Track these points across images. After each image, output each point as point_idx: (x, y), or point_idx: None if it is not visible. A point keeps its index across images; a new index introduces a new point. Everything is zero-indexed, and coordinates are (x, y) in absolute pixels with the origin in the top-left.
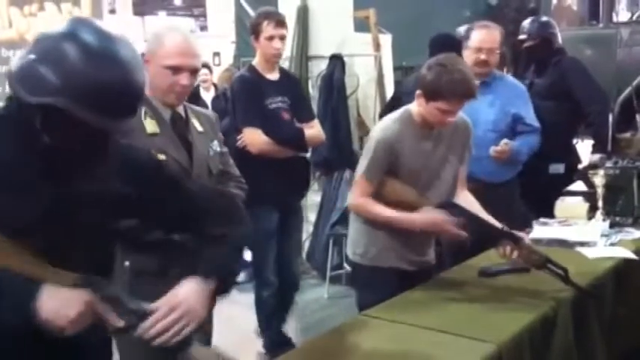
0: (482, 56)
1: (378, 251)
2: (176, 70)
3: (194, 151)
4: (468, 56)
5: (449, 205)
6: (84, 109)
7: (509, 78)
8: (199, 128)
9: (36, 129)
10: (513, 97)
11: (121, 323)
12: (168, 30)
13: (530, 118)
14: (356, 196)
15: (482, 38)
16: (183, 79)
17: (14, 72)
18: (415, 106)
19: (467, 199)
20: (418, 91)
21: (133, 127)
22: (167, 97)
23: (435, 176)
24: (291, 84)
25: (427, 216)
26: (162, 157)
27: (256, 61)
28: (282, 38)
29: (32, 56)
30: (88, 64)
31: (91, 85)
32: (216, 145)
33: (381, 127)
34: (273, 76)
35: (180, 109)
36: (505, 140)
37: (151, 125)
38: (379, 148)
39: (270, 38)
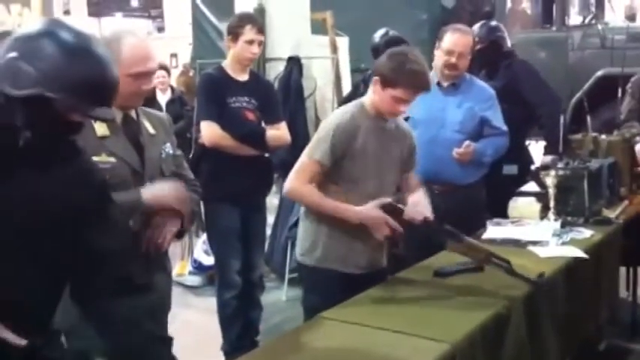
0: (453, 59)
1: (323, 253)
2: (139, 76)
3: (145, 153)
4: (439, 57)
5: (389, 207)
6: (68, 95)
7: (478, 81)
8: (151, 130)
9: (14, 127)
10: (481, 100)
11: (23, 342)
12: (121, 35)
13: (498, 121)
14: (300, 181)
15: (454, 41)
16: (147, 83)
17: None
18: (368, 98)
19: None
20: (375, 78)
21: (112, 116)
22: (130, 102)
23: (385, 172)
24: (261, 86)
25: (368, 210)
26: (112, 159)
27: (226, 62)
28: (260, 44)
29: (13, 54)
30: (68, 58)
31: (72, 75)
32: (168, 148)
33: (339, 114)
34: (242, 77)
35: (132, 111)
36: (467, 142)
37: (101, 128)
38: (338, 133)
39: (250, 42)
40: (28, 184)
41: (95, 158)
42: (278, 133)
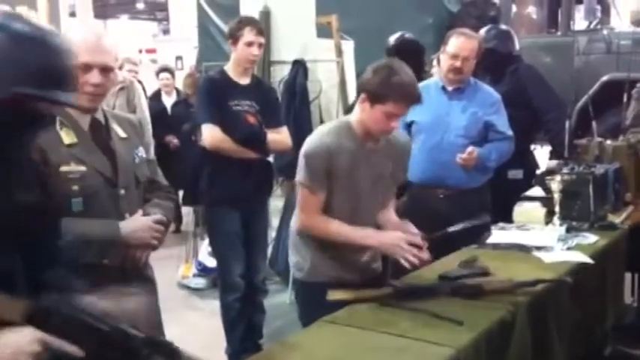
0: (458, 63)
1: (312, 264)
2: (85, 68)
3: (118, 159)
4: (444, 61)
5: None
6: (26, 86)
7: (484, 86)
8: (122, 134)
9: None
10: (486, 105)
11: (81, 353)
12: (77, 29)
13: (502, 125)
14: (306, 214)
15: (459, 45)
16: (93, 77)
17: None
18: (355, 116)
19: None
20: (362, 96)
21: (76, 101)
22: (78, 99)
23: (370, 193)
24: (262, 90)
25: (390, 236)
26: (82, 168)
27: (228, 66)
28: (261, 46)
29: None
30: (19, 47)
31: (25, 63)
32: (141, 152)
33: (311, 140)
34: (244, 81)
35: (100, 115)
36: (470, 148)
37: (67, 135)
38: (310, 162)
39: (250, 44)
40: None
41: (64, 168)
42: (279, 137)
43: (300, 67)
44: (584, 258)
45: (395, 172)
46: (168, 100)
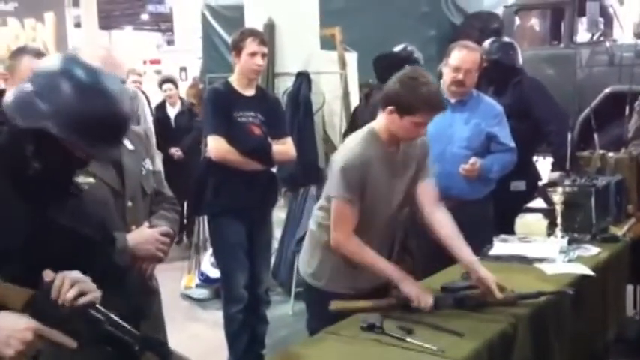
0: (460, 76)
1: (330, 273)
2: None
3: (125, 171)
4: (446, 74)
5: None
6: (73, 134)
7: (486, 98)
8: (129, 146)
9: (24, 157)
10: (489, 117)
11: (74, 344)
12: (86, 43)
13: (505, 137)
14: (344, 233)
15: (461, 58)
16: None
17: (11, 101)
18: (380, 124)
19: (441, 220)
20: (390, 108)
21: (117, 157)
22: None
23: (395, 197)
24: (267, 101)
25: (412, 286)
26: (91, 180)
27: (233, 77)
28: (264, 56)
29: (29, 88)
30: (78, 97)
31: (80, 114)
32: (148, 164)
33: (347, 149)
34: (248, 92)
35: None
36: (473, 159)
37: None
38: (348, 170)
39: (253, 54)
40: (40, 212)
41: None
42: (284, 148)
43: (303, 78)
44: (585, 270)
45: (421, 170)
46: (173, 111)
